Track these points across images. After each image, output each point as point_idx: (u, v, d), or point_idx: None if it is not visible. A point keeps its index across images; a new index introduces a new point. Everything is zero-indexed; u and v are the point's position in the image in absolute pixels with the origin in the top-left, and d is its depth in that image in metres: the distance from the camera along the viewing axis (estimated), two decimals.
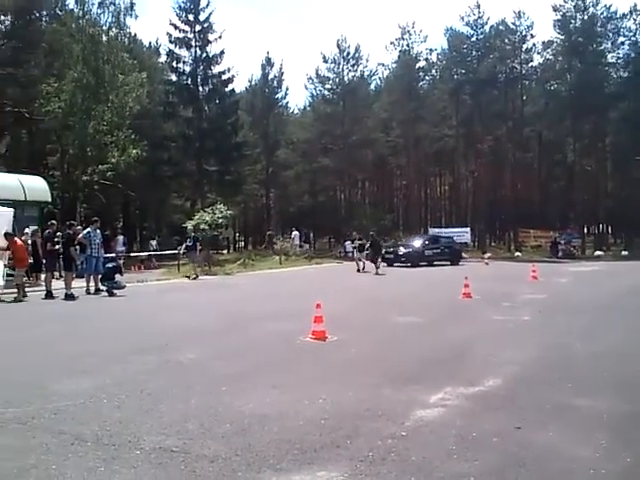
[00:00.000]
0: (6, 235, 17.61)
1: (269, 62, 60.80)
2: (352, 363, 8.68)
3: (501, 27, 56.74)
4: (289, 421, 5.92)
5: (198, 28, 47.71)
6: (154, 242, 38.76)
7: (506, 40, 56.74)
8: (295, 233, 44.96)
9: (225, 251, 53.04)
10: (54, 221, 20.10)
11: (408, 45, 55.36)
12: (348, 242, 42.76)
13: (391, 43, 56.20)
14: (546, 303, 16.08)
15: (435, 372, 8.10)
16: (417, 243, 36.70)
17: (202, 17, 47.65)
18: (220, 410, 6.27)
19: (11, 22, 42.03)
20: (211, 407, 6.38)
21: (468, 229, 49.47)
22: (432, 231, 50.87)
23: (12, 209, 18.53)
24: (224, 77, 48.92)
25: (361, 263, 29.55)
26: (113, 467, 4.77)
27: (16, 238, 18.04)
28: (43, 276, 19.39)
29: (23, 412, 6.16)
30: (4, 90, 41.16)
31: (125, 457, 5.00)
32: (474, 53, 56.51)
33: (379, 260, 28.73)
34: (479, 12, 55.75)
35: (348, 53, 57.76)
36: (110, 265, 19.20)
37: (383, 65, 61.21)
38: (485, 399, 6.80)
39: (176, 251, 30.15)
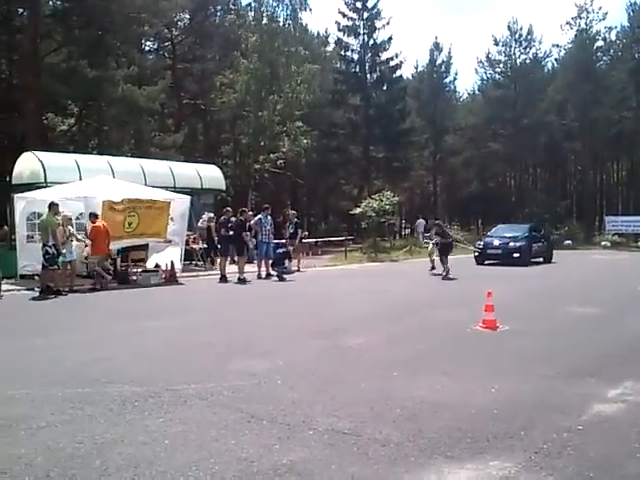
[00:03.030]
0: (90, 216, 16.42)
1: (437, 47, 60.02)
2: (524, 353, 8.44)
3: None
4: (460, 409, 5.86)
5: (366, 15, 47.81)
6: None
7: None
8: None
9: (393, 237, 53.05)
10: (229, 208, 20.91)
11: (586, 24, 52.58)
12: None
13: (567, 23, 53.38)
14: None
15: (614, 365, 7.73)
16: (519, 235, 26.65)
17: (370, 4, 47.68)
18: (390, 395, 6.31)
19: (189, 19, 44.15)
20: (381, 391, 6.43)
21: None
22: (608, 219, 48.26)
23: (189, 196, 19.48)
24: (392, 63, 48.82)
25: (436, 259, 21.03)
26: (288, 445, 4.92)
27: (99, 222, 16.27)
28: (218, 260, 20.29)
29: (203, 389, 6.50)
30: (182, 84, 43.35)
31: (299, 437, 5.14)
32: None
33: (447, 257, 20.20)
34: None
35: (520, 35, 55.95)
36: (280, 251, 19.76)
37: (558, 46, 58.49)
38: None
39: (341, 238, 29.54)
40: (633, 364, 7.79)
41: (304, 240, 26.95)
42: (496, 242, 26.28)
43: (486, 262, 25.38)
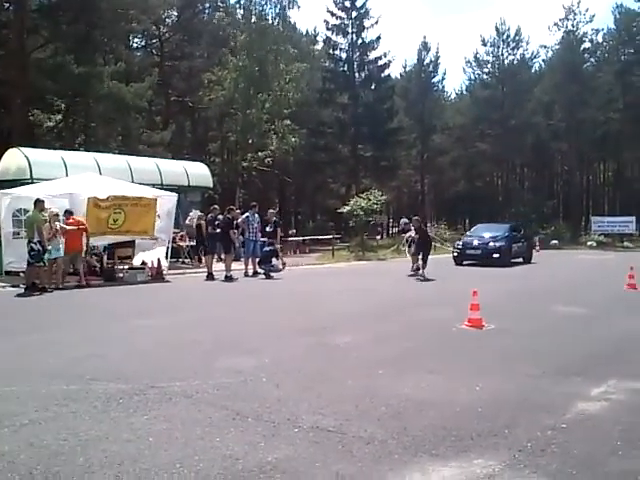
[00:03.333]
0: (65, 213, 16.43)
1: (425, 47, 60.05)
2: (509, 352, 8.47)
3: None
4: (445, 407, 5.87)
5: (355, 14, 47.98)
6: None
7: None
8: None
9: (378, 237, 53.12)
10: (216, 206, 20.87)
11: (573, 25, 52.73)
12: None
13: (554, 24, 53.68)
14: None
15: (599, 365, 7.76)
16: (499, 235, 25.77)
17: (358, 3, 47.90)
18: (376, 393, 6.31)
19: (177, 16, 44.03)
20: (367, 389, 6.44)
21: (633, 218, 46.49)
22: (594, 219, 48.42)
23: (176, 194, 19.42)
24: (380, 63, 49.07)
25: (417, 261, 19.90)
26: (273, 443, 4.91)
27: (72, 219, 16.34)
28: (204, 258, 20.27)
29: (188, 386, 6.48)
30: (169, 81, 43.23)
31: (284, 434, 5.13)
32: None
33: (426, 259, 19.74)
34: None
35: (508, 36, 56.23)
36: (267, 249, 19.74)
37: (545, 47, 58.60)
38: None
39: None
40: (618, 363, 7.82)
41: (291, 238, 26.96)
42: (475, 242, 25.52)
43: (465, 262, 24.78)
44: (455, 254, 25.44)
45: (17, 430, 5.17)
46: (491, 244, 24.88)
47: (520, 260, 26.24)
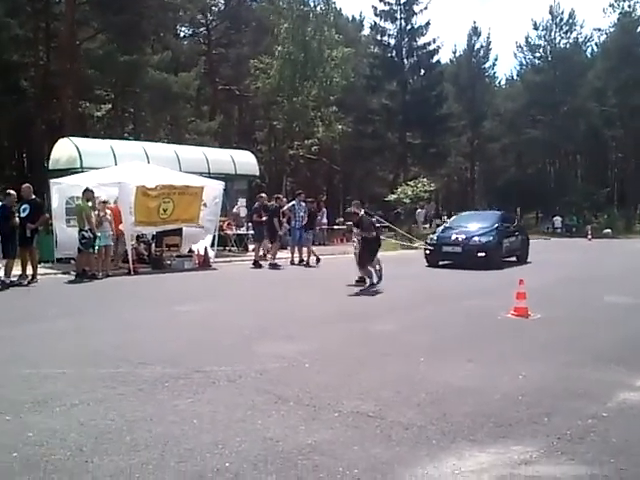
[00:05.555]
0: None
1: (476, 31, 59.57)
2: (554, 341, 8.40)
3: None
4: (485, 395, 5.87)
5: (403, 0, 47.63)
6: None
7: None
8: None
9: (427, 225, 52.80)
10: (263, 194, 20.97)
11: (629, 6, 51.55)
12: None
13: (610, 5, 52.59)
14: None
15: None
16: (486, 227, 19.91)
17: None
18: (416, 379, 6.35)
19: (223, 4, 44.36)
20: (408, 376, 6.48)
21: None
22: None
23: (223, 182, 19.55)
24: (429, 48, 48.70)
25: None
26: (313, 426, 5.00)
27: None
28: (252, 246, 20.40)
29: (232, 371, 6.60)
30: (217, 69, 43.55)
31: (324, 418, 5.21)
32: None
33: (375, 260, 14.25)
34: None
35: (561, 19, 55.25)
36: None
37: (599, 30, 57.49)
38: None
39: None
40: None
41: (338, 227, 27.04)
42: (454, 236, 19.50)
43: (441, 263, 19.36)
44: (427, 252, 20.02)
45: (68, 410, 5.36)
46: (475, 239, 19.15)
47: (514, 259, 20.76)
